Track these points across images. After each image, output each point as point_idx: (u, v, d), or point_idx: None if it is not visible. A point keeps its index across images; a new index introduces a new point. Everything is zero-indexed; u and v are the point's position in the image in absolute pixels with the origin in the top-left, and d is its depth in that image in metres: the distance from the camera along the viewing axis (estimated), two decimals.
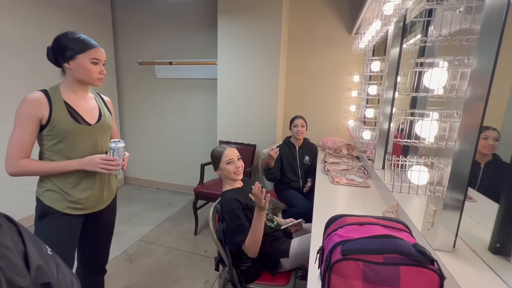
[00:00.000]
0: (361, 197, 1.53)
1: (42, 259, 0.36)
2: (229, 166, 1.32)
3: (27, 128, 0.98)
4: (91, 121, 1.11)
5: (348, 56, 2.64)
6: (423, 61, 0.82)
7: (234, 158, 1.34)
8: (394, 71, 1.65)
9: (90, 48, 1.04)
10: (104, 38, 3.13)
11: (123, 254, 2.11)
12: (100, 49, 1.08)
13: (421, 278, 0.47)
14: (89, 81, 1.08)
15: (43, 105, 1.00)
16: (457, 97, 0.75)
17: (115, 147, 1.09)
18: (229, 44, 2.62)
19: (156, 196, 3.30)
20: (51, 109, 1.01)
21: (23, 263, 0.33)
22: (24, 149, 0.99)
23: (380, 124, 1.73)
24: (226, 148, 1.36)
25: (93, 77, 1.07)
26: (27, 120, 0.98)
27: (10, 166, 0.99)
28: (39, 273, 0.35)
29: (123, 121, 3.54)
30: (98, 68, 1.07)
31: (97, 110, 1.16)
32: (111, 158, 1.07)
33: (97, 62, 1.07)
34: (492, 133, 0.90)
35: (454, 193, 0.79)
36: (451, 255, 0.81)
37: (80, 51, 1.02)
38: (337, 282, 0.52)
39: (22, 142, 0.99)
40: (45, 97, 1.01)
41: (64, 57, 1.03)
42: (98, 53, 1.07)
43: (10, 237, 0.33)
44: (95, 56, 1.05)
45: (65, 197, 1.07)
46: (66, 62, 1.04)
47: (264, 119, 2.67)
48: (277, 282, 1.28)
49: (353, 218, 0.61)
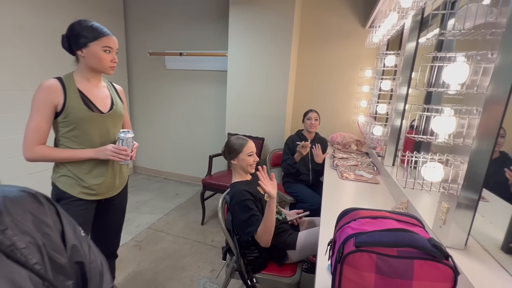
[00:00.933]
0: (370, 193, 1.52)
1: (76, 239, 0.37)
2: (249, 158, 1.34)
3: (43, 114, 1.01)
4: (104, 109, 1.13)
5: (361, 50, 2.59)
6: (443, 55, 0.80)
7: (254, 151, 1.36)
8: (409, 66, 1.61)
9: (102, 36, 1.05)
10: (115, 26, 3.15)
11: (132, 240, 2.17)
12: (113, 37, 1.09)
13: (435, 273, 0.47)
14: (101, 69, 1.09)
15: (58, 92, 1.02)
16: (478, 93, 0.73)
17: (124, 137, 1.11)
18: (240, 35, 2.60)
19: (164, 185, 3.35)
20: (66, 96, 1.03)
21: (61, 241, 0.35)
22: (41, 135, 1.02)
23: (392, 120, 1.70)
24: (248, 140, 1.37)
25: (105, 65, 1.08)
26: (43, 106, 1.01)
27: (27, 152, 1.01)
28: (74, 252, 0.36)
29: (133, 111, 3.58)
30: (110, 56, 1.08)
31: (109, 99, 1.17)
32: (122, 148, 1.10)
33: (109, 50, 1.08)
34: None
35: (469, 192, 0.78)
36: (462, 253, 0.81)
37: (93, 38, 1.03)
38: (349, 273, 0.52)
39: (38, 128, 1.01)
40: (60, 84, 1.03)
41: (78, 45, 1.04)
42: (110, 41, 1.08)
43: (51, 217, 0.35)
44: (107, 44, 1.06)
45: (79, 183, 1.10)
46: (79, 50, 1.05)
47: (273, 113, 2.66)
48: (284, 273, 1.30)
49: (366, 211, 0.61)
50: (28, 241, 0.30)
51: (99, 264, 0.40)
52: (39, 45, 2.37)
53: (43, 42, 2.38)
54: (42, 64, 2.40)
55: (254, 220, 1.18)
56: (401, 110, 1.66)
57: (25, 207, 0.32)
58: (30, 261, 0.29)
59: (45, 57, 2.41)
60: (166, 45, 3.21)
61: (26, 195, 0.33)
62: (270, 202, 1.15)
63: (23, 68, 2.27)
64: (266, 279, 1.29)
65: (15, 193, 0.32)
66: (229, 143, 1.38)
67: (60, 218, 0.36)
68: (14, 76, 2.21)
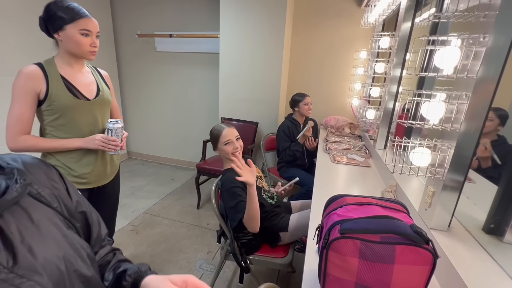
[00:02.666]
0: (361, 176, 1.55)
1: (77, 195, 0.48)
2: (226, 147, 1.28)
3: (25, 102, 0.97)
4: (90, 96, 1.09)
5: (356, 31, 2.53)
6: (435, 38, 0.78)
7: (232, 139, 1.28)
8: (403, 48, 1.58)
9: (79, 17, 0.97)
10: (100, 7, 2.99)
11: (129, 225, 2.20)
12: (91, 19, 1.01)
13: (416, 257, 0.49)
14: (79, 53, 1.02)
15: (39, 79, 0.98)
16: (468, 78, 0.72)
17: (112, 127, 1.08)
18: (232, 16, 2.50)
19: (159, 171, 3.36)
20: (48, 83, 0.99)
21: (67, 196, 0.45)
22: (25, 124, 0.99)
23: (385, 104, 1.70)
24: (224, 128, 1.30)
25: (84, 49, 1.01)
26: (24, 94, 0.96)
27: (11, 142, 0.98)
28: (78, 204, 0.47)
29: (124, 95, 3.49)
30: (88, 40, 1.01)
31: (94, 84, 1.13)
32: (111, 138, 1.07)
33: (87, 33, 1.00)
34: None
35: (455, 175, 0.80)
36: (445, 234, 0.84)
37: (68, 20, 0.96)
38: (335, 258, 0.54)
39: (21, 117, 0.97)
40: (41, 71, 0.99)
41: (54, 27, 0.98)
42: (89, 23, 1.00)
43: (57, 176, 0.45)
44: (85, 27, 0.99)
45: (68, 172, 1.09)
46: (56, 33, 0.99)
47: (267, 96, 2.62)
48: (276, 254, 1.35)
49: (352, 198, 0.62)
50: (47, 192, 0.40)
51: (96, 215, 0.52)
52: (17, 26, 2.24)
53: (21, 23, 2.25)
54: (23, 47, 2.28)
55: (242, 207, 1.19)
56: (394, 93, 1.65)
57: (40, 169, 0.42)
58: (53, 204, 0.40)
59: (26, 39, 2.29)
60: (155, 26, 3.08)
61: (38, 161, 0.43)
62: (249, 189, 1.13)
63: (2, 52, 2.16)
64: (260, 260, 1.34)
65: (30, 159, 0.42)
66: (210, 132, 1.35)
67: (64, 179, 0.46)
68: None
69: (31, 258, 0.31)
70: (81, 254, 0.39)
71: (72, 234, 0.40)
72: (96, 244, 0.49)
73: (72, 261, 0.37)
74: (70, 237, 0.39)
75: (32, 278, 0.30)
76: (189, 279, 0.44)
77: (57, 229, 0.38)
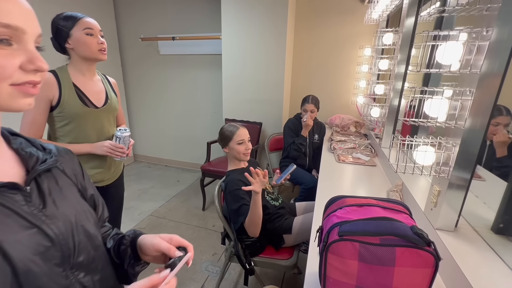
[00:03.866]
0: (367, 175, 1.53)
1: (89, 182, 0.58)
2: (239, 146, 1.30)
3: (39, 108, 1.02)
4: (98, 103, 1.14)
5: (360, 28, 2.49)
6: (436, 33, 0.76)
7: (245, 139, 1.32)
8: (407, 44, 1.55)
9: (79, 18, 1.03)
10: (104, 13, 3.03)
11: (135, 227, 2.23)
12: (89, 18, 1.06)
13: (417, 259, 0.48)
14: (90, 54, 1.06)
15: (53, 86, 1.02)
16: (471, 73, 0.70)
17: (120, 136, 1.12)
18: (233, 16, 2.50)
19: (165, 173, 3.39)
20: (61, 90, 1.04)
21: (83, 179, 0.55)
22: (38, 128, 1.03)
23: (390, 101, 1.67)
24: (239, 128, 1.33)
25: (93, 48, 1.06)
26: (38, 100, 1.00)
27: None
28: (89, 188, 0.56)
29: (129, 99, 3.54)
30: (94, 39, 1.06)
31: (104, 93, 1.18)
32: (119, 145, 1.12)
33: (91, 32, 1.04)
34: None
35: (461, 172, 0.77)
36: (452, 234, 0.82)
37: (71, 25, 1.02)
38: (334, 261, 0.53)
39: (34, 122, 1.02)
40: (55, 78, 1.03)
41: (62, 38, 1.03)
42: (89, 22, 1.05)
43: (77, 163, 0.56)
44: (87, 26, 1.04)
45: None
46: (66, 42, 1.04)
47: (270, 96, 2.62)
48: (281, 256, 1.34)
49: (352, 199, 0.61)
50: (69, 171, 0.51)
51: (101, 201, 0.61)
52: None
53: None
54: None
55: (244, 210, 1.19)
56: (399, 90, 1.62)
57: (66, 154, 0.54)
58: (72, 179, 0.51)
59: None
60: (158, 29, 3.11)
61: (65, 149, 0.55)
62: (255, 196, 1.13)
63: None
64: (264, 262, 1.33)
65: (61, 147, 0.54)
66: (221, 131, 1.37)
67: (82, 168, 0.57)
68: None
69: (54, 207, 0.43)
70: (87, 215, 0.50)
71: (83, 202, 0.52)
72: (98, 222, 0.58)
73: (81, 217, 0.48)
74: (82, 203, 0.51)
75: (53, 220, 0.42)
76: (174, 237, 0.53)
77: (73, 194, 0.50)
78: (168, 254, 0.50)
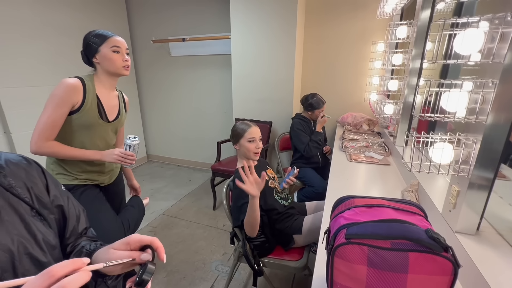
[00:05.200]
0: (380, 175, 1.46)
1: (57, 191, 0.53)
2: (250, 144, 1.30)
3: (61, 111, 1.04)
4: (111, 117, 1.20)
5: (373, 23, 2.41)
6: (454, 21, 0.71)
7: (257, 138, 1.31)
8: (423, 37, 1.47)
9: (108, 37, 1.11)
10: (118, 17, 3.10)
11: (148, 226, 2.26)
12: (118, 37, 1.14)
13: (432, 266, 0.44)
14: (115, 70, 1.13)
15: (79, 93, 1.06)
16: (494, 63, 0.64)
17: (130, 143, 1.15)
18: (242, 16, 2.49)
19: (177, 173, 3.43)
20: (85, 98, 1.07)
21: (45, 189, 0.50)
22: (55, 130, 1.05)
23: (405, 97, 1.59)
24: (251, 126, 1.33)
25: (117, 65, 1.12)
26: (63, 103, 1.03)
27: (37, 145, 1.02)
28: (55, 198, 0.52)
29: (142, 100, 3.61)
30: (120, 56, 1.12)
31: (117, 108, 1.24)
32: (130, 153, 1.14)
33: (118, 50, 1.12)
34: None
35: (483, 171, 0.72)
36: (473, 238, 0.76)
37: (100, 42, 1.09)
38: (341, 266, 0.50)
39: (54, 124, 1.03)
40: (81, 85, 1.07)
41: (91, 53, 1.10)
42: (117, 40, 1.12)
43: (37, 173, 0.51)
44: (115, 44, 1.11)
45: (75, 177, 1.18)
46: (93, 57, 1.11)
47: (280, 95, 2.58)
48: (291, 257, 1.30)
49: (362, 200, 0.57)
50: (20, 185, 0.46)
51: (77, 211, 0.56)
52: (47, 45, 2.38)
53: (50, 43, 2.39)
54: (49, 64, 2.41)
55: (245, 208, 1.16)
56: (414, 85, 1.54)
57: (19, 165, 0.48)
58: (22, 195, 0.45)
59: (52, 56, 2.43)
60: (169, 31, 3.15)
61: (20, 159, 0.50)
62: (251, 200, 1.07)
63: (32, 64, 2.32)
64: (273, 263, 1.30)
65: (14, 157, 0.49)
66: (233, 127, 1.37)
67: (45, 175, 0.52)
68: (23, 73, 2.26)
69: None
70: (37, 240, 0.42)
71: (34, 222, 0.44)
72: (71, 235, 0.54)
73: (26, 244, 0.41)
74: (30, 224, 0.43)
75: None
76: (131, 240, 0.44)
77: (17, 215, 0.42)
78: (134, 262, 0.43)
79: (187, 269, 1.78)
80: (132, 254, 0.42)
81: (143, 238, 0.43)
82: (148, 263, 0.40)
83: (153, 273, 0.40)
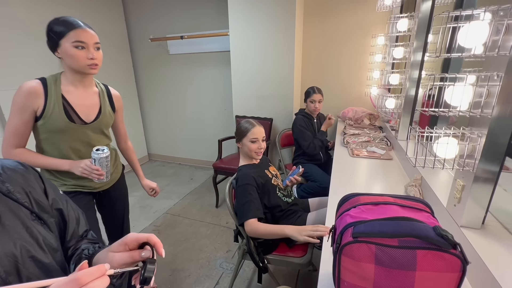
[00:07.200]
0: (383, 170, 1.46)
1: (56, 195, 0.54)
2: (252, 144, 1.29)
3: (22, 118, 0.95)
4: (87, 119, 1.05)
5: (372, 16, 2.38)
6: (458, 14, 0.70)
7: (259, 138, 1.30)
8: (424, 30, 1.45)
9: (70, 29, 0.92)
10: (115, 15, 3.07)
11: (151, 225, 2.27)
12: (85, 29, 0.95)
13: (441, 263, 0.44)
14: (78, 68, 0.97)
15: (38, 96, 0.94)
16: (499, 56, 0.63)
17: (96, 157, 0.99)
18: (240, 12, 2.46)
19: (179, 171, 3.43)
20: (46, 101, 0.95)
21: (43, 194, 0.51)
22: (20, 138, 0.97)
23: (406, 91, 1.58)
24: (255, 125, 1.31)
25: (80, 63, 0.95)
26: (22, 110, 0.94)
27: (5, 153, 0.98)
28: (54, 202, 0.52)
29: (142, 99, 3.60)
30: (84, 53, 0.95)
31: (97, 107, 1.08)
32: (95, 167, 0.99)
33: (81, 45, 0.94)
34: None
35: (488, 165, 0.71)
36: (479, 232, 0.76)
37: (61, 35, 0.92)
38: (348, 264, 0.50)
39: (17, 131, 0.96)
40: (42, 88, 0.95)
41: (52, 46, 0.95)
42: (81, 34, 0.93)
43: (34, 177, 0.51)
44: (77, 38, 0.92)
45: (64, 183, 1.08)
46: (55, 51, 0.96)
47: (280, 91, 2.57)
48: (295, 254, 1.31)
49: (367, 197, 0.57)
50: (19, 190, 0.46)
51: (76, 213, 0.57)
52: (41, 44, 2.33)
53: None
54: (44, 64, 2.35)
55: (248, 208, 1.17)
56: (416, 79, 1.53)
57: (16, 171, 0.48)
58: (21, 200, 0.45)
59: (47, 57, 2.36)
60: (167, 29, 3.12)
61: (17, 164, 0.50)
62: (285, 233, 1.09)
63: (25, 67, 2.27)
64: (278, 260, 1.31)
65: (10, 162, 0.49)
66: (238, 125, 1.37)
67: (42, 180, 0.52)
68: (23, 73, 2.24)
69: None
70: (39, 243, 0.43)
71: (35, 226, 0.45)
72: (72, 238, 0.54)
73: (29, 248, 0.41)
74: (31, 228, 0.44)
75: None
76: (128, 239, 0.44)
77: (18, 220, 0.42)
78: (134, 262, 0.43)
79: (191, 267, 1.79)
80: (132, 254, 0.42)
81: (139, 236, 0.44)
82: (148, 260, 0.41)
83: (155, 269, 0.40)
